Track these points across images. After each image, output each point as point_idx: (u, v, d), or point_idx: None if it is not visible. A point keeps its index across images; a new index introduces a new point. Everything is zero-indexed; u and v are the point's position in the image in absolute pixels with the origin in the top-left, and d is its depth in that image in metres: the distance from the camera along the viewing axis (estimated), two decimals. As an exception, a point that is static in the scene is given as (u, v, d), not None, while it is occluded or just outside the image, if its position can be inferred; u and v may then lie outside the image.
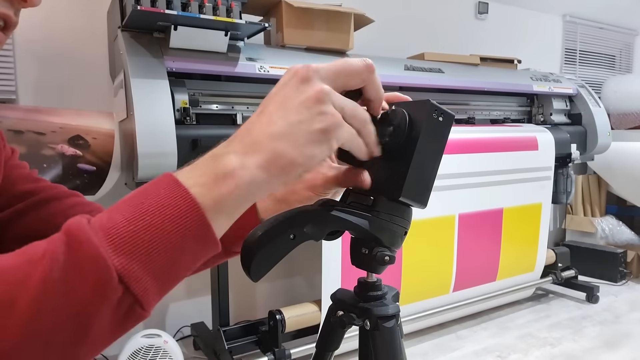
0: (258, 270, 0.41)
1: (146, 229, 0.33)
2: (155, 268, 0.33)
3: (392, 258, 0.45)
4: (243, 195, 0.37)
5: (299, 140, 0.38)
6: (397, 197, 0.44)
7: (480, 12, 3.18)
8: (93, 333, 0.32)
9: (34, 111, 1.74)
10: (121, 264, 0.32)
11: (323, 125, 0.38)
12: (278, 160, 0.37)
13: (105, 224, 0.33)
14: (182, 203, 0.35)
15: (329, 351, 0.56)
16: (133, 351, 1.67)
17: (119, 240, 0.32)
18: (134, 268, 0.32)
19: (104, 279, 0.31)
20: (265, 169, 0.37)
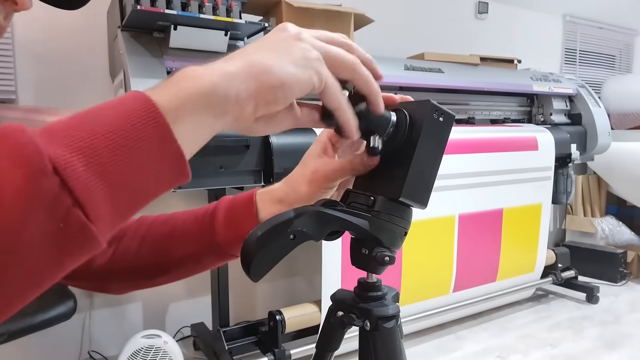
0: (258, 271, 0.41)
1: (93, 122, 0.28)
2: (102, 164, 0.27)
3: (392, 258, 0.45)
4: (206, 98, 0.32)
5: (281, 57, 0.36)
6: (397, 197, 0.44)
7: (480, 12, 3.18)
8: (26, 243, 0.25)
9: (34, 111, 1.74)
10: (55, 152, 0.26)
11: (302, 52, 0.36)
12: (254, 66, 0.34)
13: (50, 122, 0.29)
14: (134, 101, 0.30)
15: (329, 352, 0.56)
16: (133, 351, 1.67)
17: (58, 131, 0.28)
18: (72, 159, 0.27)
19: (33, 164, 0.25)
20: (233, 74, 0.33)
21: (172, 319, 2.23)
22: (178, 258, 0.55)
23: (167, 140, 0.30)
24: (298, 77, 0.36)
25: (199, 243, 0.55)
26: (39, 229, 0.25)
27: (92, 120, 0.29)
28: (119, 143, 0.28)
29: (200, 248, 0.55)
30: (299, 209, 0.44)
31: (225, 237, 0.54)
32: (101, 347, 2.05)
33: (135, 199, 0.30)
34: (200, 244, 0.55)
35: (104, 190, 0.27)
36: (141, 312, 2.16)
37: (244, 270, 0.42)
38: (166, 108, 0.30)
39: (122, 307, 2.12)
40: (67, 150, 0.27)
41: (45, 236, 0.26)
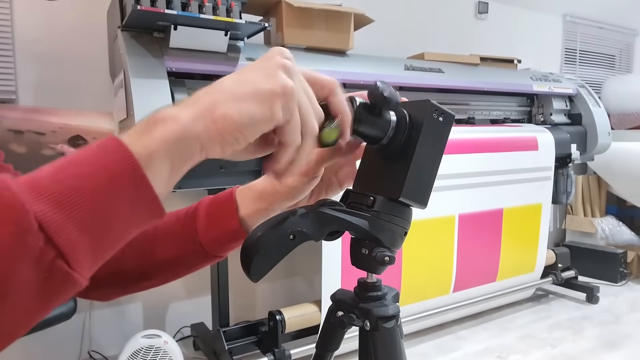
0: (258, 271, 0.41)
1: (74, 177, 0.30)
2: (83, 218, 0.30)
3: (392, 258, 0.45)
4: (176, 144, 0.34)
5: (240, 95, 0.36)
6: (397, 197, 0.44)
7: (480, 12, 3.18)
8: (14, 292, 0.28)
9: (34, 111, 1.74)
10: (41, 210, 0.28)
11: (272, 87, 0.36)
12: (212, 111, 0.35)
13: (33, 175, 0.31)
14: (112, 147, 0.32)
15: (329, 351, 0.56)
16: (133, 351, 1.67)
17: (41, 188, 0.29)
18: (56, 216, 0.29)
19: (21, 224, 0.27)
20: (197, 119, 0.35)
21: (172, 319, 2.23)
22: (162, 260, 0.55)
23: (143, 187, 0.32)
24: (257, 119, 0.36)
25: (182, 244, 0.54)
26: (25, 279, 0.28)
27: (74, 174, 0.31)
28: (100, 196, 0.31)
29: (183, 249, 0.54)
30: (299, 209, 0.44)
31: (207, 237, 0.53)
32: (101, 347, 2.05)
33: (113, 242, 0.33)
34: (183, 245, 0.54)
35: (84, 241, 0.30)
36: (141, 312, 2.16)
37: (244, 271, 0.42)
38: (142, 155, 0.32)
39: (122, 307, 2.12)
40: (51, 207, 0.29)
41: (32, 285, 0.28)
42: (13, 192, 0.28)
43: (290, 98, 0.36)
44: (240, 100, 0.35)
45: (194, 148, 0.35)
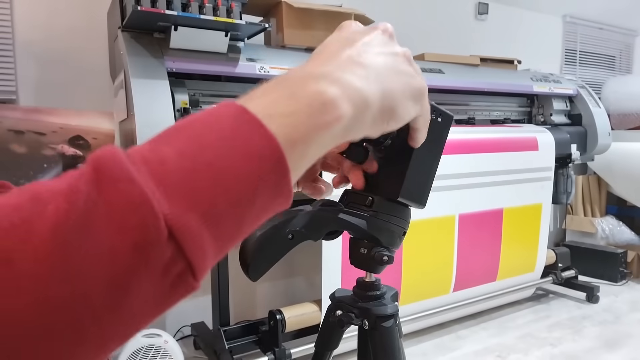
0: (257, 270, 0.42)
1: (208, 168, 0.24)
2: (218, 223, 0.24)
3: (391, 258, 0.45)
4: (332, 133, 0.28)
5: (401, 87, 0.33)
6: (395, 197, 0.44)
7: (480, 12, 3.18)
8: (128, 309, 0.22)
9: (34, 111, 1.75)
10: (173, 212, 0.22)
11: (420, 85, 0.35)
12: (386, 101, 0.31)
13: (148, 157, 0.23)
14: (256, 137, 0.25)
15: (328, 350, 0.56)
16: (133, 351, 1.68)
17: (170, 180, 0.23)
18: (191, 220, 0.23)
19: (148, 232, 0.21)
20: (371, 107, 0.30)
21: (173, 318, 2.23)
22: None
23: (283, 184, 0.27)
24: (411, 116, 0.35)
25: None
26: (142, 292, 0.22)
27: (211, 163, 0.24)
28: (239, 196, 0.25)
29: None
30: (298, 209, 0.45)
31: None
32: (102, 346, 2.05)
33: (236, 242, 0.27)
34: None
35: (215, 247, 0.24)
36: (142, 311, 2.16)
37: (243, 270, 0.42)
38: (288, 144, 0.26)
39: (123, 307, 2.12)
40: (185, 207, 0.23)
41: (149, 298, 0.23)
42: (138, 185, 0.22)
43: (426, 95, 0.36)
44: (404, 95, 0.33)
45: (345, 137, 0.30)
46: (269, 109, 0.27)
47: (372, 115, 0.31)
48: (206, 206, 0.23)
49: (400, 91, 0.33)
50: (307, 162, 0.29)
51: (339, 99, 0.28)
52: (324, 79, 0.29)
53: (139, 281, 0.22)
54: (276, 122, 0.26)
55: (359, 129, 0.31)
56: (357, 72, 0.31)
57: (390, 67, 0.33)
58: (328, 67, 0.31)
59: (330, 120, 0.28)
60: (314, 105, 0.28)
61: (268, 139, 0.25)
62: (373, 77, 0.31)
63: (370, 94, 0.31)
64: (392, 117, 0.33)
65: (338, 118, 0.28)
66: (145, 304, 0.23)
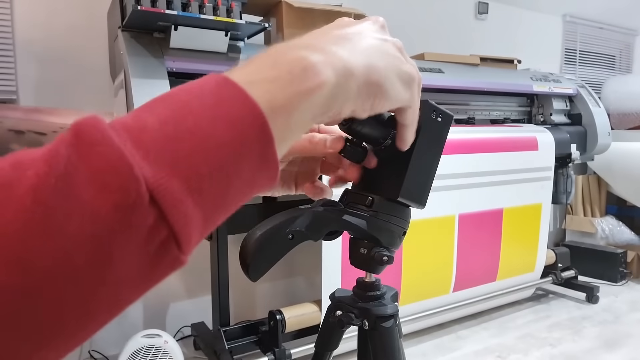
0: (257, 271, 0.42)
1: (190, 134, 0.24)
2: (201, 189, 0.23)
3: (391, 258, 0.45)
4: (316, 101, 0.28)
5: (390, 68, 0.33)
6: (395, 197, 0.44)
7: (480, 12, 3.18)
8: (114, 272, 0.22)
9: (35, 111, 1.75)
10: (154, 176, 0.22)
11: (410, 70, 0.35)
12: (372, 75, 0.31)
13: (130, 124, 0.23)
14: (238, 103, 0.25)
15: (328, 351, 0.56)
16: (133, 351, 1.68)
17: (151, 144, 0.23)
18: (173, 185, 0.22)
19: (128, 194, 0.21)
20: (349, 78, 0.30)
21: (173, 319, 2.23)
22: None
23: (268, 153, 0.26)
24: (399, 99, 0.35)
25: None
26: (126, 260, 0.22)
27: (193, 129, 0.24)
28: (222, 162, 0.24)
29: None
30: (298, 209, 0.45)
31: None
32: (101, 346, 2.05)
33: (224, 215, 0.26)
34: None
35: (199, 216, 0.24)
36: (141, 311, 2.16)
37: (243, 270, 0.42)
38: (270, 110, 0.26)
39: (123, 307, 2.12)
40: (167, 172, 0.22)
41: (132, 267, 0.22)
42: (117, 148, 0.22)
43: (419, 84, 0.36)
44: (392, 74, 0.33)
45: (329, 108, 0.30)
46: (251, 76, 0.27)
47: (357, 85, 0.31)
48: (188, 172, 0.23)
49: (387, 69, 0.33)
50: (292, 133, 0.28)
51: (320, 64, 0.28)
52: (307, 48, 0.29)
53: (120, 244, 0.21)
54: (258, 88, 0.26)
55: (344, 99, 0.30)
56: (342, 45, 0.31)
57: (378, 47, 0.33)
58: (313, 40, 0.31)
59: (312, 87, 0.28)
60: (295, 71, 0.27)
61: (250, 105, 0.25)
62: (358, 51, 0.31)
63: (354, 63, 0.30)
64: (379, 92, 0.32)
65: (320, 84, 0.28)
66: (129, 271, 0.22)
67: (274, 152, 0.26)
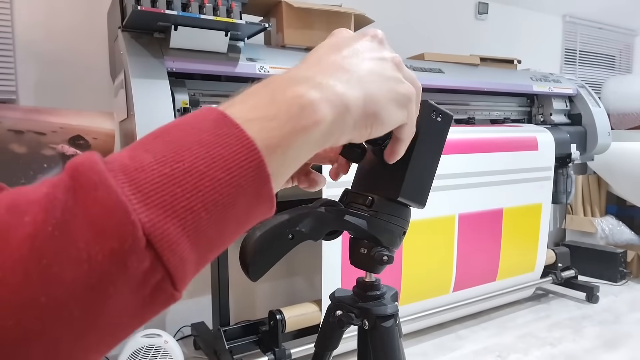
0: (257, 270, 0.42)
1: (187, 174, 0.24)
2: (197, 230, 0.24)
3: (391, 258, 0.45)
4: (314, 138, 0.28)
5: (385, 92, 0.33)
6: (395, 197, 0.44)
7: (480, 12, 3.18)
8: (106, 318, 0.22)
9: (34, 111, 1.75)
10: (151, 220, 0.22)
11: (406, 91, 0.35)
12: (369, 106, 0.31)
13: (127, 164, 0.23)
14: (235, 142, 0.25)
15: (328, 350, 0.56)
16: (133, 351, 1.68)
17: (148, 186, 0.23)
18: (169, 228, 0.22)
19: (125, 240, 0.21)
20: (345, 112, 0.30)
21: (173, 319, 2.24)
22: None
23: (264, 191, 0.26)
24: (396, 122, 0.35)
25: None
26: (120, 302, 0.22)
27: (190, 169, 0.24)
28: (218, 201, 0.24)
29: None
30: (298, 209, 0.45)
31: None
32: (102, 346, 2.05)
33: (218, 251, 0.26)
34: None
35: (195, 256, 0.24)
36: (142, 311, 2.16)
37: (243, 270, 0.42)
38: (267, 148, 0.26)
39: (123, 307, 2.12)
40: (163, 214, 0.22)
41: (127, 307, 0.23)
42: (114, 194, 0.22)
43: (415, 102, 0.37)
44: (388, 100, 0.33)
45: (325, 141, 0.30)
46: (249, 113, 0.27)
47: (353, 120, 0.31)
48: (184, 213, 0.23)
49: (384, 96, 0.33)
50: (288, 169, 0.29)
51: (318, 102, 0.28)
52: (304, 83, 0.29)
53: (116, 289, 0.22)
54: (255, 126, 0.26)
55: (340, 134, 0.31)
56: (339, 77, 0.31)
57: (374, 71, 0.33)
58: (310, 72, 0.31)
59: (309, 124, 0.28)
60: (293, 109, 0.28)
61: (247, 145, 0.25)
62: (355, 81, 0.32)
63: (351, 98, 0.31)
64: (376, 122, 0.33)
65: (317, 122, 0.28)
66: (124, 314, 0.23)
67: (270, 190, 0.27)
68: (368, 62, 0.34)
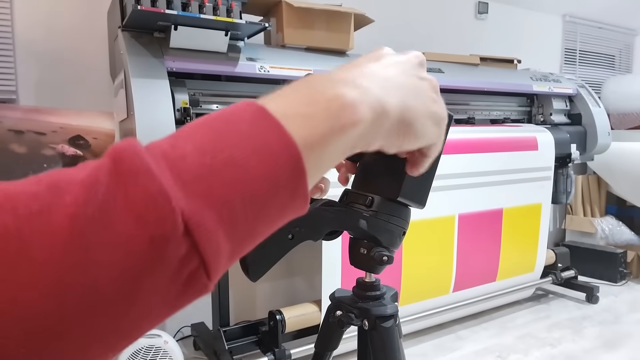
0: (257, 271, 0.42)
1: (226, 165, 0.24)
2: (233, 223, 0.24)
3: (391, 258, 0.45)
4: (351, 139, 0.28)
5: (422, 106, 0.34)
6: (395, 197, 0.44)
7: (480, 12, 3.18)
8: (141, 303, 0.22)
9: (34, 111, 1.75)
10: (191, 209, 0.22)
11: (441, 111, 0.36)
12: (405, 116, 0.32)
13: (168, 152, 0.24)
14: (274, 137, 0.25)
15: (328, 351, 0.56)
16: (133, 351, 1.68)
17: (189, 175, 0.23)
18: (207, 217, 0.23)
19: (165, 226, 0.21)
20: (382, 116, 0.30)
21: (173, 319, 2.23)
22: None
23: (299, 188, 0.26)
24: (428, 139, 0.36)
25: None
26: (155, 288, 0.22)
27: (229, 160, 0.24)
28: (255, 194, 0.25)
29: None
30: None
31: None
32: (101, 346, 2.05)
33: (251, 245, 0.27)
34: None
35: (229, 247, 0.25)
36: (141, 311, 2.16)
37: (243, 270, 0.42)
38: (304, 146, 0.26)
39: (123, 307, 2.12)
40: (202, 204, 0.23)
41: (161, 294, 0.23)
42: (156, 179, 0.22)
43: (445, 127, 0.38)
44: (424, 115, 0.34)
45: (360, 144, 0.30)
46: (288, 109, 0.27)
47: (390, 125, 0.31)
48: (222, 204, 0.23)
49: (420, 109, 0.34)
50: (322, 169, 0.29)
51: (358, 103, 0.29)
52: (344, 84, 0.29)
53: (152, 275, 0.22)
54: (294, 123, 0.26)
55: (374, 138, 0.31)
56: (378, 82, 0.31)
57: (413, 86, 0.34)
58: (350, 74, 0.31)
59: (348, 124, 0.28)
60: (332, 108, 0.28)
61: (286, 140, 0.25)
62: (395, 89, 0.32)
63: (389, 102, 0.31)
64: (409, 132, 0.33)
65: (355, 122, 0.28)
66: (158, 300, 0.23)
67: (306, 187, 0.27)
68: (407, 76, 0.34)
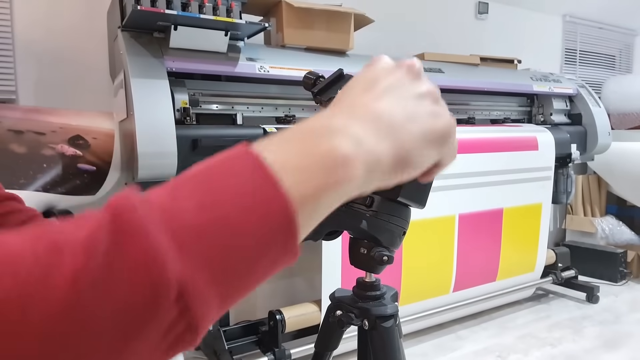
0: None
1: (224, 226, 0.24)
2: (226, 280, 0.24)
3: (391, 258, 0.45)
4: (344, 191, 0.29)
5: (419, 135, 0.33)
6: (395, 197, 0.44)
7: (480, 12, 3.18)
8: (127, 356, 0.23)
9: (34, 111, 1.75)
10: (185, 272, 0.23)
11: (442, 127, 0.34)
12: (400, 154, 0.31)
13: (167, 206, 0.24)
14: (269, 195, 0.26)
15: (328, 351, 0.56)
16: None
17: (186, 236, 0.23)
18: (201, 280, 0.23)
19: (158, 292, 0.22)
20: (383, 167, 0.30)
21: (173, 319, 2.23)
22: None
23: (290, 243, 0.27)
24: (430, 163, 0.35)
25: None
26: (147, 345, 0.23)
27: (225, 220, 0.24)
28: (248, 252, 0.25)
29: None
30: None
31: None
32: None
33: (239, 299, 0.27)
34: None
35: (217, 306, 0.25)
36: (141, 311, 2.16)
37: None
38: (299, 200, 0.26)
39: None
40: (197, 266, 0.23)
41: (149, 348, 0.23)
42: (153, 244, 0.22)
43: (454, 135, 0.36)
44: (422, 143, 0.33)
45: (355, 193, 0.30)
46: (285, 161, 0.27)
47: (383, 172, 0.31)
48: (217, 265, 0.24)
49: (417, 140, 0.33)
50: (315, 220, 0.29)
51: (351, 159, 0.29)
52: (337, 134, 0.29)
53: (142, 337, 0.22)
54: (291, 177, 0.26)
55: (370, 186, 0.31)
56: (371, 126, 0.31)
57: (409, 114, 0.33)
58: (343, 120, 0.31)
59: (341, 180, 0.28)
60: (327, 163, 0.28)
61: (283, 200, 0.26)
62: (387, 130, 0.31)
63: (384, 152, 0.31)
64: (407, 168, 0.33)
65: (350, 178, 0.28)
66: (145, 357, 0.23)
67: (296, 245, 0.27)
68: (402, 102, 0.33)
